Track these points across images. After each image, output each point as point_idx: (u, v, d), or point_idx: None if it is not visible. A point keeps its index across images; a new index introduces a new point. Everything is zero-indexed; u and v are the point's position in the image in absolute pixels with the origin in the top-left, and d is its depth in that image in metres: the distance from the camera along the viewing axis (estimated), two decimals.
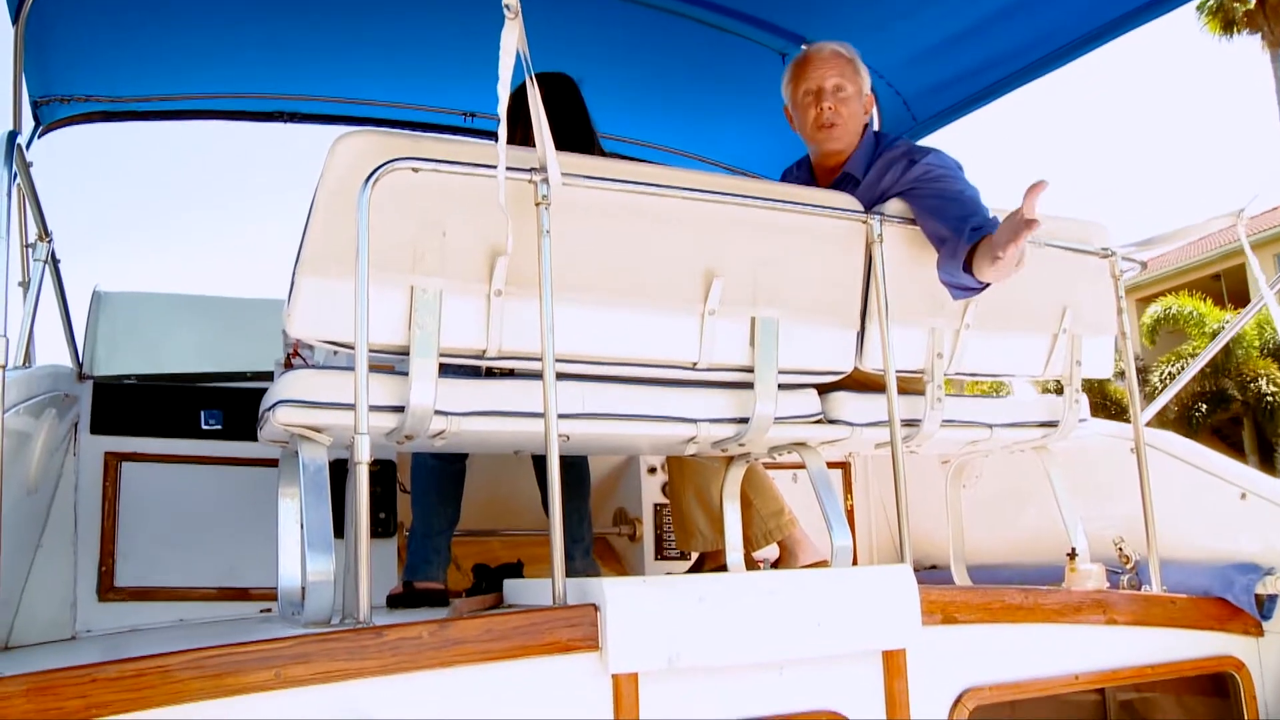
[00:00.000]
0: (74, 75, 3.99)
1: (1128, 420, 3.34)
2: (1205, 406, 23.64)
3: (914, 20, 4.05)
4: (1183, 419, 23.47)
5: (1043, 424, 3.32)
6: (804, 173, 3.46)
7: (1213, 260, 27.60)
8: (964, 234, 2.80)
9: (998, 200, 2.95)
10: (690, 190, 2.56)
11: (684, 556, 4.22)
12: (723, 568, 3.27)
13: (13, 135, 2.43)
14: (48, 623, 3.38)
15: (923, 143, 3.75)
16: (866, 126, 3.32)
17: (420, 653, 2.01)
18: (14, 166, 2.35)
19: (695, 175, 2.67)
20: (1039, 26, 3.92)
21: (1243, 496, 3.24)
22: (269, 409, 2.36)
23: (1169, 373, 24.07)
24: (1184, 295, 25.47)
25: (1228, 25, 25.67)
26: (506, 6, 2.12)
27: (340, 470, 2.38)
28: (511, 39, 2.13)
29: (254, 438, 2.74)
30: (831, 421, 2.95)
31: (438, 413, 2.36)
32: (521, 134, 2.75)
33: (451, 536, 3.51)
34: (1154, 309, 25.58)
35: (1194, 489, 3.36)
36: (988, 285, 2.85)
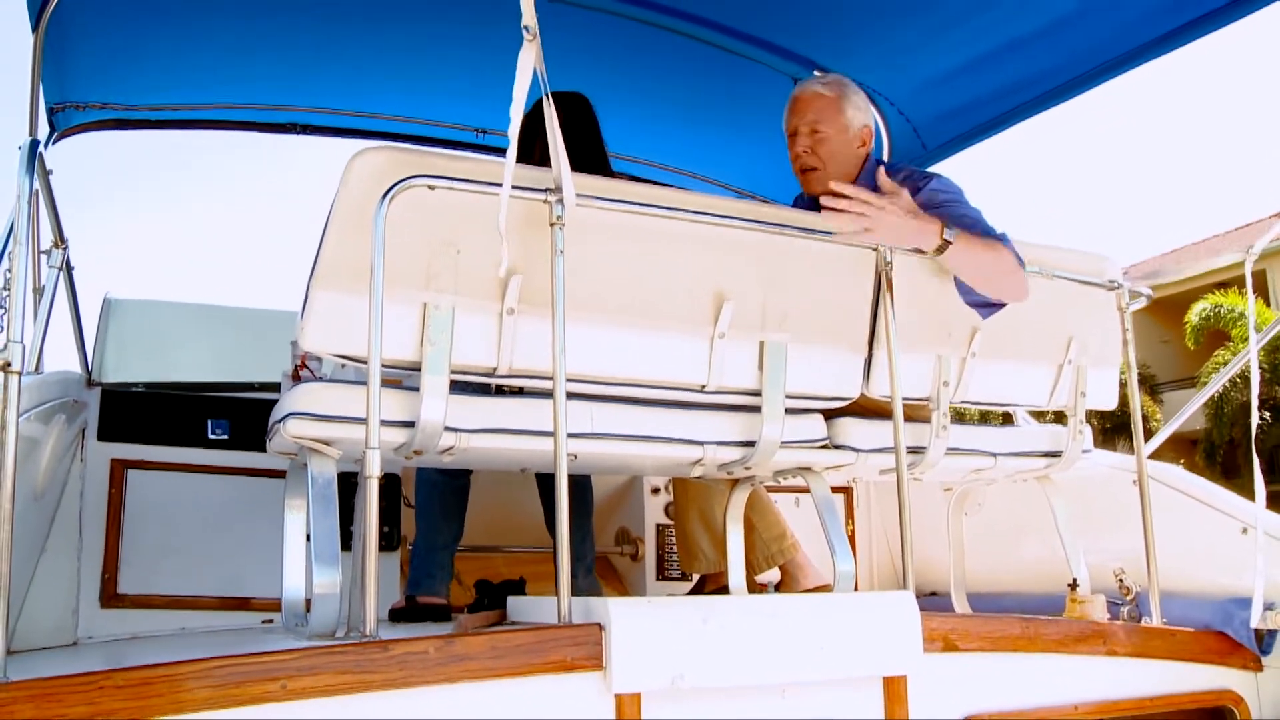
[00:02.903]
0: (90, 83, 4.02)
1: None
2: (1269, 415, 22.92)
3: (926, 48, 4.07)
4: (1247, 428, 22.80)
5: (1046, 454, 3.33)
6: (811, 203, 3.48)
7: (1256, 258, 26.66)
8: None
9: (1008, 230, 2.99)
10: (703, 214, 2.58)
11: (685, 577, 4.22)
12: (724, 589, 3.27)
13: (35, 144, 2.44)
14: (50, 628, 3.38)
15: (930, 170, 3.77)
16: (868, 156, 3.33)
17: (426, 668, 2.02)
18: (34, 174, 2.36)
19: (708, 199, 2.69)
20: (1053, 57, 3.93)
21: (1244, 530, 3.25)
22: (279, 421, 2.37)
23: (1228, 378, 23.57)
24: (1232, 294, 24.27)
25: None
26: (525, 28, 2.13)
27: (345, 483, 2.39)
28: (529, 60, 2.14)
29: (260, 448, 2.74)
30: (837, 447, 2.96)
31: (447, 429, 2.38)
32: (537, 152, 2.77)
33: (455, 552, 3.52)
34: (1201, 306, 24.74)
35: (1196, 522, 3.37)
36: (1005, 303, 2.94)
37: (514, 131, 2.16)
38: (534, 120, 2.45)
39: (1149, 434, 3.45)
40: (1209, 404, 22.95)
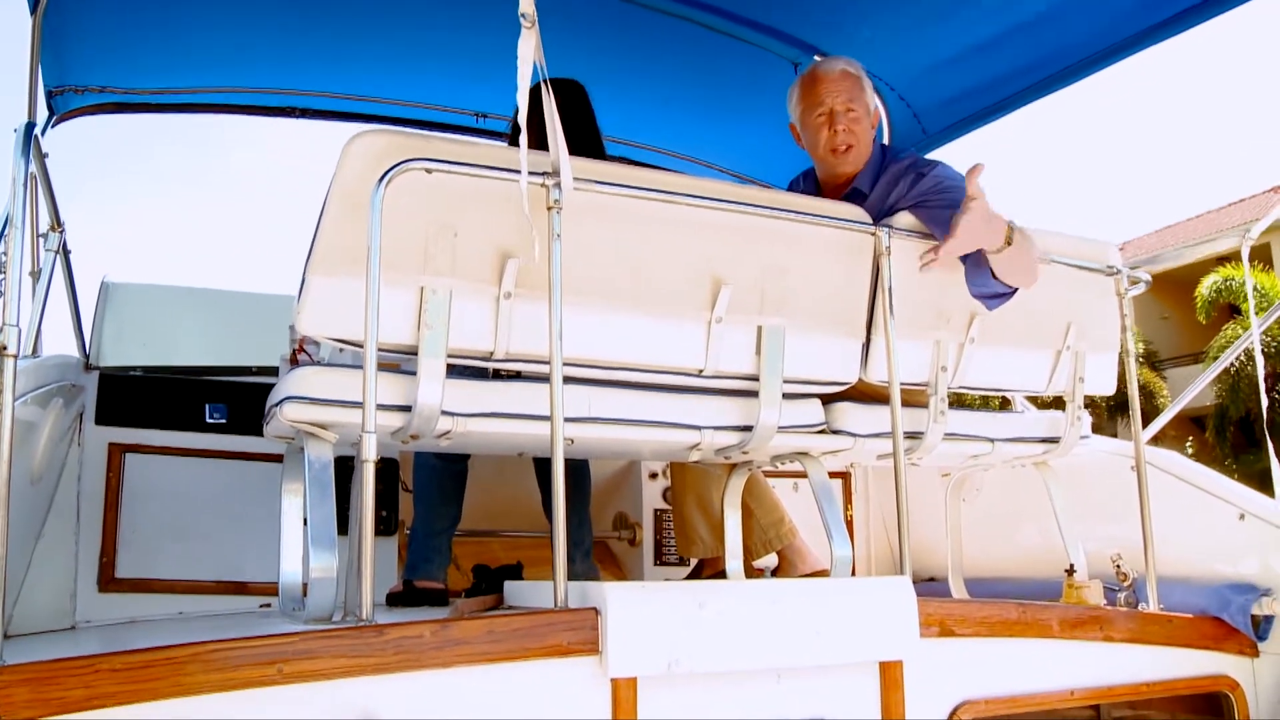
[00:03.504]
0: (88, 66, 4.00)
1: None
2: None
3: (927, 33, 4.05)
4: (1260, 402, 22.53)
5: (1044, 439, 3.33)
6: (809, 185, 3.46)
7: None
8: None
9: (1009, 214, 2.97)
10: (700, 198, 2.57)
11: (683, 562, 4.22)
12: (721, 574, 3.28)
13: (30, 127, 2.43)
14: (47, 612, 3.38)
15: (930, 156, 3.76)
16: (874, 141, 3.34)
17: (422, 652, 2.02)
18: (30, 157, 2.35)
19: (706, 183, 2.68)
20: (1053, 42, 3.92)
21: (1241, 517, 3.25)
22: (276, 405, 2.37)
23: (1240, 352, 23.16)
24: (1242, 266, 23.99)
25: None
26: (523, 15, 2.13)
27: (343, 467, 2.39)
28: (528, 47, 2.14)
29: (258, 432, 2.74)
30: (835, 432, 2.96)
31: (444, 413, 2.37)
32: (533, 138, 2.78)
33: (452, 536, 3.52)
34: (1211, 279, 24.52)
35: (1193, 508, 3.37)
36: (1017, 290, 2.90)
37: (523, 119, 2.17)
38: (531, 105, 2.45)
39: (1155, 411, 3.45)
40: (1223, 378, 22.73)
